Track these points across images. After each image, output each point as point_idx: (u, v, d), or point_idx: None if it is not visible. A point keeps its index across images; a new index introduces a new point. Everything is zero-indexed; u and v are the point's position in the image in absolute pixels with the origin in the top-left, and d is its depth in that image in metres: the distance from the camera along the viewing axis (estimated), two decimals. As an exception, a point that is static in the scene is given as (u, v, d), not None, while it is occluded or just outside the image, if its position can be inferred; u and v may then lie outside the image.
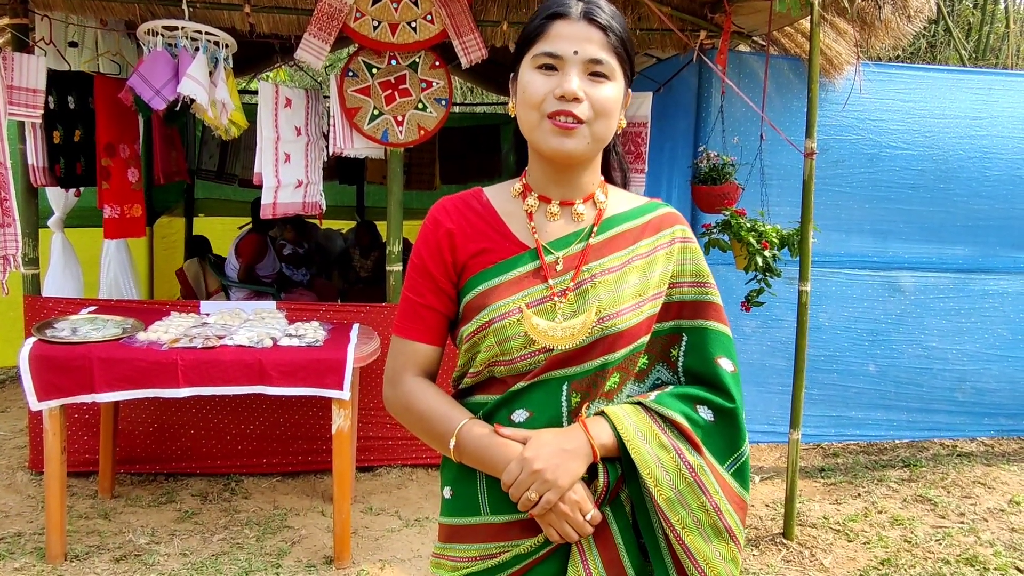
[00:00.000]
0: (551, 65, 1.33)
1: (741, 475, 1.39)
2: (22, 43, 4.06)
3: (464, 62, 4.31)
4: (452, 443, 1.36)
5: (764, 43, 4.73)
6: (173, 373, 3.34)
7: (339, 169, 7.35)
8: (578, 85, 1.31)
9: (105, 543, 3.59)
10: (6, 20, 4.16)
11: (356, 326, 4.01)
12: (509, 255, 1.40)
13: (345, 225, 7.86)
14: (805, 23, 4.45)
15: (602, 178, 1.48)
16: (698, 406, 1.39)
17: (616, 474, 1.35)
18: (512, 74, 1.45)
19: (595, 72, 1.33)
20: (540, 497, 1.29)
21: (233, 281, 5.82)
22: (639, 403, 1.38)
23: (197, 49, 3.93)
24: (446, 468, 1.47)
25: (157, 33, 3.94)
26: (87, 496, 4.06)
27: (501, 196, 1.48)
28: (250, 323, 3.85)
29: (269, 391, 3.42)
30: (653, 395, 1.40)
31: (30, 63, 3.85)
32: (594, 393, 1.38)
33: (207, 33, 4.00)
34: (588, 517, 1.31)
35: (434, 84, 4.36)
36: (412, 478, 4.46)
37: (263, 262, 5.97)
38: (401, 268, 4.48)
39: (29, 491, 4.10)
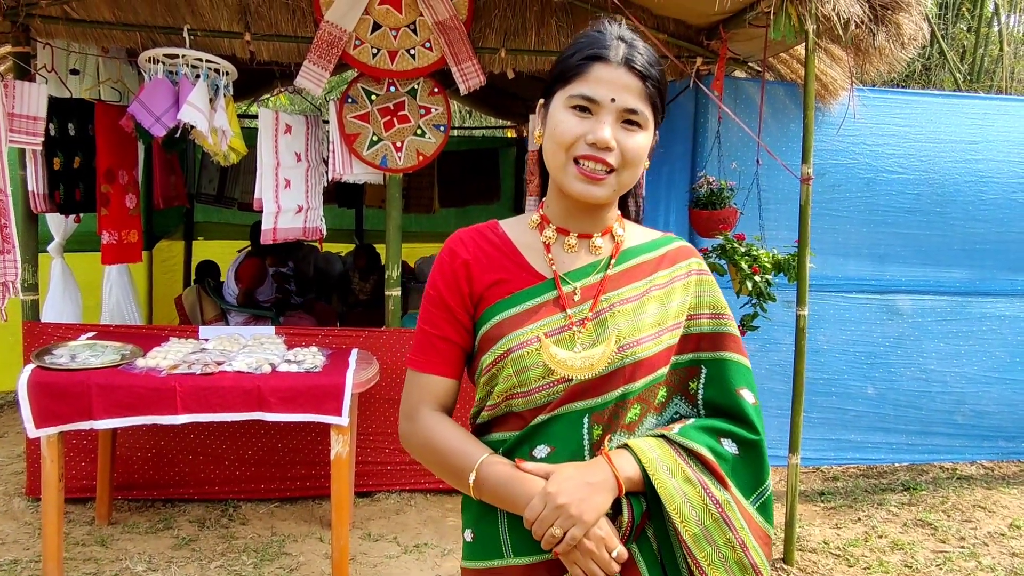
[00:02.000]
0: (586, 108, 1.32)
1: (765, 509, 1.38)
2: (24, 71, 4.09)
3: (462, 89, 4.35)
4: (472, 479, 1.32)
5: (760, 69, 4.77)
6: (171, 399, 3.33)
7: (338, 193, 7.38)
8: (611, 134, 1.30)
9: (102, 570, 3.57)
10: (8, 48, 4.20)
11: (355, 351, 4.02)
12: (526, 285, 1.40)
13: (344, 248, 7.88)
14: (800, 49, 4.50)
15: (618, 212, 1.48)
16: (722, 439, 1.37)
17: (641, 509, 1.32)
18: (542, 100, 1.43)
19: (628, 120, 1.33)
20: (564, 533, 1.24)
21: (232, 305, 5.83)
22: (663, 436, 1.36)
23: (198, 76, 3.97)
24: (467, 509, 1.44)
25: (158, 61, 3.98)
26: (84, 523, 4.05)
27: (517, 228, 1.47)
28: (249, 349, 3.85)
29: (268, 417, 3.42)
30: (676, 427, 1.37)
31: (31, 91, 3.88)
32: (615, 425, 1.35)
33: (208, 61, 4.04)
34: (614, 554, 1.27)
35: (433, 110, 4.40)
36: (411, 503, 4.44)
37: (262, 286, 5.98)
38: (400, 292, 4.49)
39: (26, 518, 4.08)
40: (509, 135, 9.32)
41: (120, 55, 4.72)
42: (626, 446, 1.34)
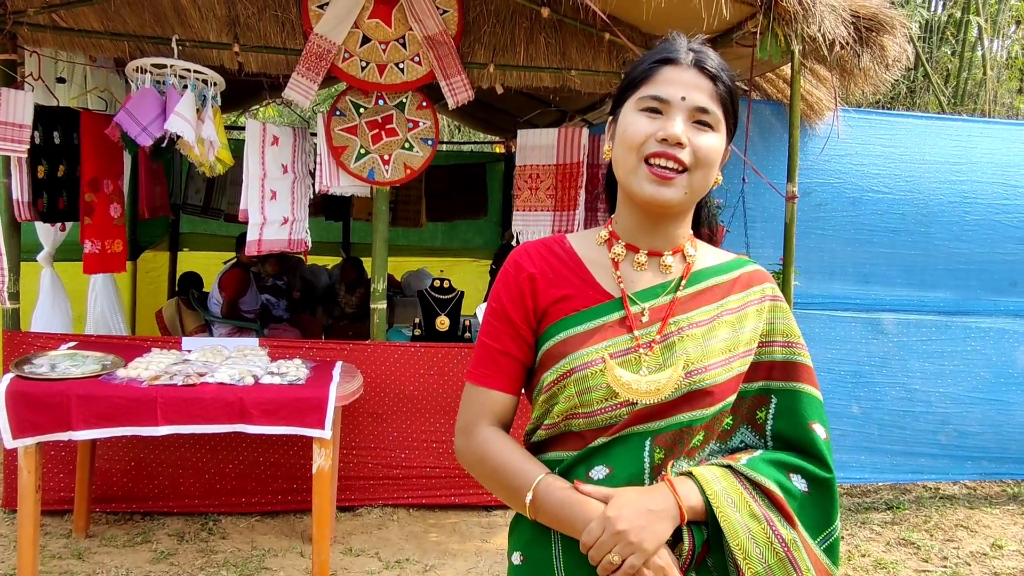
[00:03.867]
0: (656, 109, 1.30)
1: (832, 550, 1.33)
2: (10, 78, 4.07)
3: (451, 103, 4.35)
4: (528, 498, 1.28)
5: (746, 88, 4.81)
6: (152, 411, 3.30)
7: (325, 205, 7.37)
8: (682, 130, 1.28)
9: (78, 584, 3.52)
10: (-5, 55, 4.18)
11: (339, 364, 3.99)
12: (593, 303, 1.35)
13: (330, 261, 7.86)
14: (786, 69, 4.54)
15: (691, 232, 1.43)
16: (792, 474, 1.33)
17: (702, 538, 1.28)
18: (611, 117, 1.41)
19: (700, 120, 1.30)
20: (623, 561, 1.20)
21: (216, 316, 5.79)
22: (728, 466, 1.31)
23: (185, 87, 3.95)
24: (516, 531, 1.40)
25: (145, 70, 3.97)
26: (61, 535, 3.99)
27: (585, 243, 1.43)
28: (232, 360, 3.82)
29: (249, 430, 3.39)
30: (744, 458, 1.33)
31: (18, 98, 3.86)
32: (679, 450, 1.31)
33: (195, 71, 4.03)
34: None
35: (421, 124, 4.40)
36: (393, 518, 4.41)
37: (246, 297, 5.95)
38: (385, 306, 4.47)
39: (1, 530, 4.02)
40: (497, 150, 9.34)
41: (108, 64, 4.70)
42: (690, 474, 1.29)
